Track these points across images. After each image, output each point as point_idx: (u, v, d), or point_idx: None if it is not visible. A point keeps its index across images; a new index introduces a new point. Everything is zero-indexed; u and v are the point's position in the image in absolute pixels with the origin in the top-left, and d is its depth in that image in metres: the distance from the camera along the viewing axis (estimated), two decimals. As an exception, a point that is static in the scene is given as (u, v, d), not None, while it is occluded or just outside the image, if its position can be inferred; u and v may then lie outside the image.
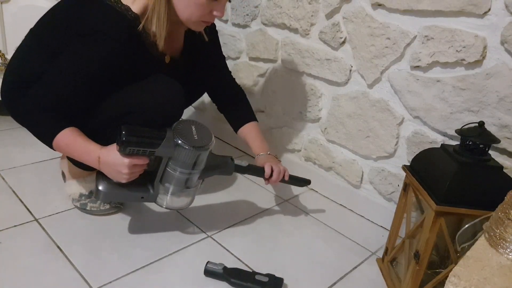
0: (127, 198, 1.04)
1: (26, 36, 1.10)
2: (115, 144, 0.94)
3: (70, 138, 0.96)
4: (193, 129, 0.99)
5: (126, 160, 0.93)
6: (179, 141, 0.95)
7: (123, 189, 1.00)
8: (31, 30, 1.09)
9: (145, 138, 0.93)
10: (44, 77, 0.97)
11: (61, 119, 0.98)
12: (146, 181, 1.02)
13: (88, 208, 1.15)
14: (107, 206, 1.16)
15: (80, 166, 1.18)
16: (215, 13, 1.00)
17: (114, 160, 0.94)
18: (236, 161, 1.11)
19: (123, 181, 0.96)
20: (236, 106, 1.31)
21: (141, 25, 0.96)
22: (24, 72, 1.06)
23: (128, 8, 0.95)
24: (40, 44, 1.05)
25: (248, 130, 1.27)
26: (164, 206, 1.05)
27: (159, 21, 0.97)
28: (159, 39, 1.00)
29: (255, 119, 1.30)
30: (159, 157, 0.98)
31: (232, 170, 1.11)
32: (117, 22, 0.94)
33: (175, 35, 1.12)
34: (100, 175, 1.00)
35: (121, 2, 0.94)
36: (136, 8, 0.95)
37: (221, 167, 1.08)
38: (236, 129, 1.30)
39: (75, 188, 1.18)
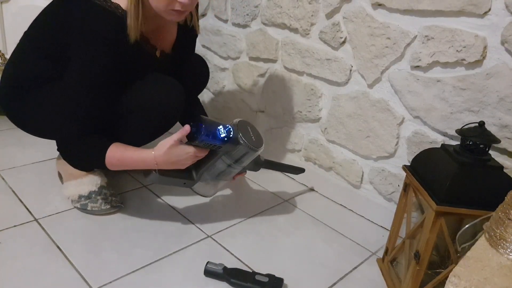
0: (173, 183, 1.07)
1: (21, 39, 1.11)
2: (165, 143, 0.98)
3: (118, 154, 1.01)
4: (249, 130, 1.05)
5: (191, 151, 0.99)
6: (242, 141, 1.01)
7: (171, 174, 1.05)
8: (25, 33, 1.10)
9: (217, 133, 0.99)
10: (67, 101, 0.99)
11: (100, 137, 1.02)
12: (191, 168, 1.08)
13: (89, 208, 1.15)
14: (108, 206, 1.16)
15: (77, 167, 1.18)
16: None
17: (177, 157, 0.99)
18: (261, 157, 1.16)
19: (182, 168, 1.02)
20: (197, 77, 1.35)
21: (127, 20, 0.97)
22: (21, 76, 1.08)
23: (117, 6, 0.96)
24: (35, 47, 1.06)
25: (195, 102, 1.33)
26: (200, 193, 1.15)
27: (131, 12, 0.97)
28: (131, 30, 0.98)
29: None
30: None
31: (260, 167, 1.18)
32: (108, 22, 0.95)
33: (165, 29, 1.13)
34: None
35: (111, 1, 0.95)
36: (124, 5, 0.96)
37: (253, 164, 1.15)
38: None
39: (74, 189, 1.17)
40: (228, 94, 1.73)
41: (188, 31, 1.19)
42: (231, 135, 1.00)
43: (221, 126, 1.00)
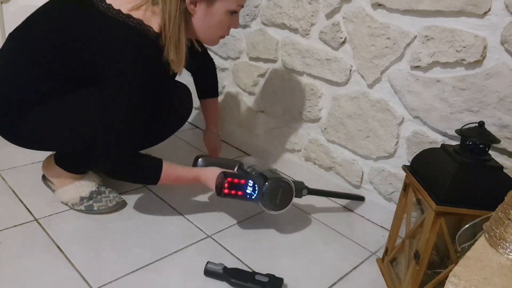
0: None
1: (7, 45, 1.03)
2: (213, 171, 1.10)
3: (172, 172, 1.07)
4: (280, 193, 1.10)
5: (222, 195, 1.08)
6: (262, 204, 1.10)
7: None
8: (14, 38, 1.02)
9: (243, 193, 1.09)
10: (114, 121, 0.96)
11: (149, 156, 1.06)
12: None
13: (95, 208, 1.15)
14: (114, 203, 1.17)
15: (73, 171, 1.16)
16: (230, 26, 1.06)
17: (211, 188, 1.10)
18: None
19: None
20: (205, 76, 1.40)
21: (166, 50, 0.97)
22: (17, 95, 1.00)
23: (150, 28, 0.95)
24: (35, 62, 0.99)
25: (210, 105, 1.43)
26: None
27: (178, 49, 0.98)
28: (178, 66, 1.00)
29: (217, 95, 1.44)
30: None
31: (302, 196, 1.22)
32: (147, 45, 0.95)
33: None
34: None
35: (143, 23, 0.94)
36: (155, 27, 0.96)
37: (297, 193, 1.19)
38: (200, 98, 1.42)
39: (74, 192, 1.15)
40: (228, 94, 1.73)
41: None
42: (253, 197, 1.09)
43: (250, 182, 1.08)
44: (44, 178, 1.24)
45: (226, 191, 1.07)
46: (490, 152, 0.91)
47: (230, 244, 1.12)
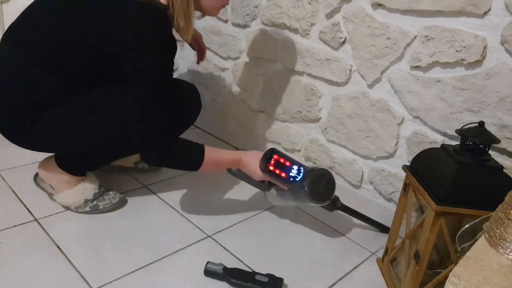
0: (248, 181, 1.17)
1: (3, 45, 1.00)
2: (255, 153, 1.08)
3: (213, 156, 1.06)
4: (323, 183, 1.05)
5: (261, 175, 1.07)
6: (305, 193, 1.03)
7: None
8: (13, 39, 0.99)
9: (287, 175, 1.04)
10: (150, 106, 0.98)
11: (187, 140, 1.05)
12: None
13: (101, 207, 1.15)
14: (117, 199, 1.18)
15: (74, 172, 1.15)
16: None
17: (253, 168, 1.08)
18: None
19: (254, 178, 1.11)
20: None
21: (175, 21, 0.98)
22: (31, 99, 0.98)
23: (158, 2, 0.96)
24: (34, 62, 0.96)
25: None
26: (268, 199, 1.19)
27: (187, 16, 0.99)
28: (187, 33, 1.02)
29: None
30: None
31: (334, 210, 1.18)
32: (159, 18, 0.96)
33: None
34: None
35: None
36: (162, 0, 0.97)
37: (328, 205, 1.15)
38: None
39: (79, 195, 1.14)
40: (228, 94, 1.73)
41: None
42: (296, 179, 1.04)
43: (295, 166, 1.05)
44: (36, 179, 1.22)
45: (271, 167, 1.03)
46: (490, 152, 0.91)
47: (230, 244, 1.12)
